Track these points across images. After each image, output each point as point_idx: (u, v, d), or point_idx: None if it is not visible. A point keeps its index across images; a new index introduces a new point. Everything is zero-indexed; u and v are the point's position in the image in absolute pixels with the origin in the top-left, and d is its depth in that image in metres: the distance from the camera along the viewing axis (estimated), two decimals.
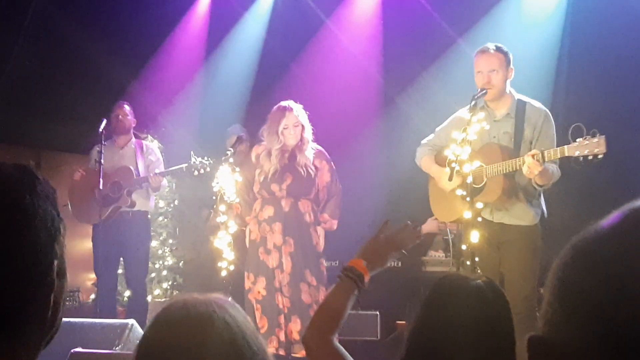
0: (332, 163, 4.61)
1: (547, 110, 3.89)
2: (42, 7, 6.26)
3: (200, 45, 6.94)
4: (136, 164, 5.48)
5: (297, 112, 4.46)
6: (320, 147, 4.61)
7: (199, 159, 5.22)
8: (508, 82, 3.88)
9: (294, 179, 4.45)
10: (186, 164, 5.29)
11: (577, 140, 3.41)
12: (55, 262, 0.93)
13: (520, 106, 3.87)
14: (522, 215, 3.86)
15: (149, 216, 5.78)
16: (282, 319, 4.30)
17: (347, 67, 6.32)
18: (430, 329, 1.61)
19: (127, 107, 5.59)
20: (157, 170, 5.45)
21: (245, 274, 4.47)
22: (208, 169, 5.19)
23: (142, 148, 5.62)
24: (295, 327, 4.24)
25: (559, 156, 3.50)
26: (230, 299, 1.30)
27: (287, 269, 4.34)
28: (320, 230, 4.53)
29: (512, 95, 3.90)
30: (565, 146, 3.46)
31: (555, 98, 5.37)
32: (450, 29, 5.79)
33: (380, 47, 6.33)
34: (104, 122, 5.38)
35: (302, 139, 4.47)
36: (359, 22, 6.50)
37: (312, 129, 4.53)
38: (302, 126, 4.46)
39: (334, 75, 6.33)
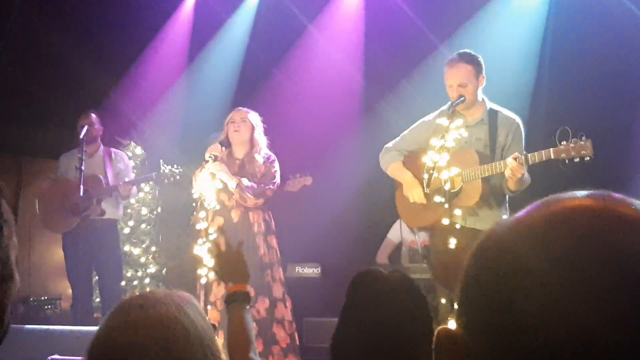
0: (276, 164, 4.58)
1: (519, 119, 3.88)
2: (24, 13, 6.22)
3: (183, 50, 6.91)
4: (105, 172, 5.46)
5: (248, 111, 4.56)
6: (270, 154, 4.62)
7: (169, 167, 5.20)
8: (480, 89, 3.84)
9: None
10: (155, 173, 5.28)
11: (563, 143, 3.41)
12: None
13: (492, 114, 3.86)
14: (495, 221, 3.83)
15: (118, 224, 5.79)
16: None
17: (329, 73, 6.31)
18: (349, 326, 1.64)
19: (93, 116, 5.56)
20: (126, 179, 5.44)
21: None
22: (178, 177, 5.19)
23: (110, 156, 5.60)
24: (219, 340, 4.09)
25: (544, 159, 3.49)
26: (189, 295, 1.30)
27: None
28: (271, 240, 4.48)
29: (484, 103, 3.88)
30: (551, 149, 3.45)
31: (535, 103, 5.39)
32: (432, 36, 5.80)
33: (362, 54, 6.33)
34: (85, 128, 5.36)
35: (252, 140, 4.52)
36: (341, 28, 6.50)
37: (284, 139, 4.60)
38: (253, 126, 4.53)
39: (316, 82, 6.32)
